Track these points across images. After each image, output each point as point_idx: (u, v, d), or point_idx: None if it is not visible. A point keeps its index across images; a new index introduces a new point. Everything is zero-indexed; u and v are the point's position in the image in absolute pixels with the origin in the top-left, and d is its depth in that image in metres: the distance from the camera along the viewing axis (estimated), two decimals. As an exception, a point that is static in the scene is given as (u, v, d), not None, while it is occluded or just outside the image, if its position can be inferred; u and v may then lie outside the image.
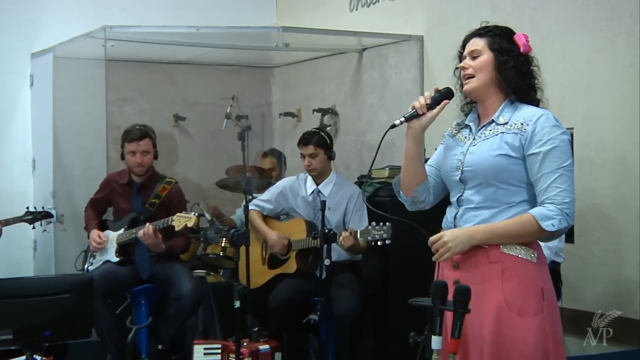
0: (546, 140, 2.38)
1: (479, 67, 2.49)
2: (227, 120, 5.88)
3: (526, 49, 2.50)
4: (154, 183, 4.59)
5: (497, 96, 2.50)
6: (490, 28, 2.54)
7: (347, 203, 4.50)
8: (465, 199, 2.52)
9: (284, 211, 4.69)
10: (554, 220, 2.36)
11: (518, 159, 2.42)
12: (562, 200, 2.36)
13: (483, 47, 2.50)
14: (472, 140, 2.53)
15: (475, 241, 2.42)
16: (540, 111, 2.44)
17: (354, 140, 6.00)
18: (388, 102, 5.66)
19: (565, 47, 4.30)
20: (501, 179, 2.43)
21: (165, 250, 4.43)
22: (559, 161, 2.37)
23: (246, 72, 6.76)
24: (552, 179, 2.37)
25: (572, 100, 4.25)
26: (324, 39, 5.67)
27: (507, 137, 2.44)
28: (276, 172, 5.67)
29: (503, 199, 2.44)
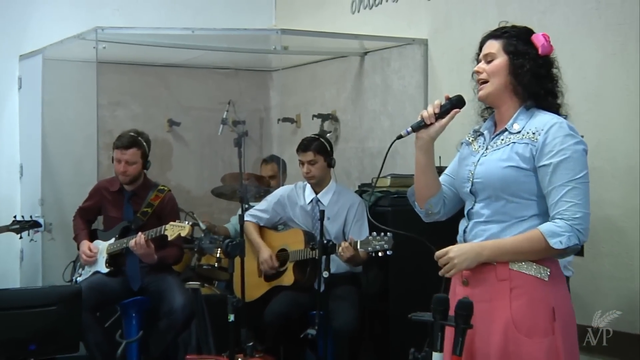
0: (557, 150, 2.35)
1: (492, 71, 2.47)
2: (223, 126, 5.88)
3: (545, 50, 2.46)
4: (146, 191, 4.59)
5: (512, 102, 2.47)
6: (507, 29, 2.50)
7: (347, 213, 4.50)
8: (475, 212, 2.50)
9: (282, 221, 4.69)
10: (563, 237, 2.32)
11: (529, 170, 2.39)
12: (572, 216, 2.33)
13: (498, 50, 2.47)
14: (485, 150, 2.51)
15: (482, 258, 2.41)
16: (554, 119, 2.40)
17: (355, 148, 6.00)
18: (390, 108, 5.66)
19: (575, 52, 4.29)
20: (510, 191, 2.41)
21: (158, 261, 4.43)
22: (570, 173, 2.33)
23: (243, 76, 6.77)
24: (562, 193, 2.33)
25: (582, 107, 4.24)
26: (324, 41, 5.68)
27: (518, 148, 2.41)
28: (276, 180, 5.67)
29: (513, 212, 2.42)
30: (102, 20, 5.21)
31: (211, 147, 6.54)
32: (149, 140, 4.62)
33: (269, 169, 5.77)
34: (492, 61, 2.48)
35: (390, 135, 5.60)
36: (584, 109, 4.22)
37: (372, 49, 5.82)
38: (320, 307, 3.92)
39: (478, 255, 2.40)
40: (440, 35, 5.30)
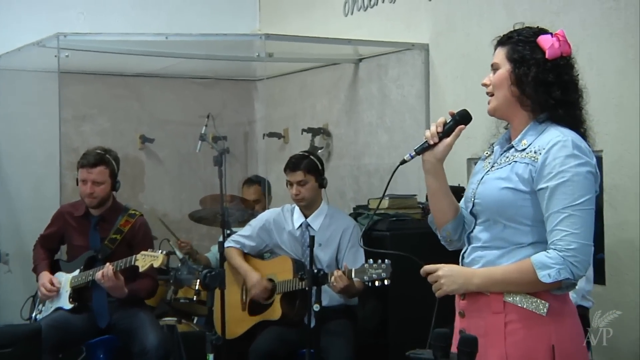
0: (556, 173, 2.34)
1: (496, 83, 2.49)
2: (202, 142, 5.89)
3: (553, 52, 2.43)
4: (114, 216, 4.57)
5: (521, 115, 2.48)
6: (513, 33, 2.51)
7: (340, 238, 4.49)
8: (474, 236, 2.53)
9: (268, 248, 4.68)
10: (552, 270, 2.32)
11: (527, 193, 2.40)
12: (565, 247, 2.31)
13: (502, 59, 2.48)
14: (491, 167, 2.53)
15: (472, 286, 2.44)
16: (559, 137, 2.38)
17: (349, 165, 6.01)
18: (389, 121, 5.68)
19: (593, 57, 4.31)
20: (507, 216, 2.42)
21: (128, 294, 4.40)
22: (568, 199, 2.32)
23: (224, 86, 6.81)
24: (557, 221, 2.33)
25: (601, 118, 4.20)
26: (314, 47, 5.70)
27: (519, 168, 2.42)
28: (261, 204, 5.67)
29: (511, 238, 2.43)
30: (64, 25, 5.23)
31: (188, 166, 6.55)
32: (117, 158, 4.62)
33: (251, 191, 5.77)
34: (496, 71, 2.50)
35: (388, 151, 5.63)
36: (604, 120, 4.23)
37: (367, 55, 5.85)
38: (311, 345, 3.89)
39: (467, 282, 2.44)
40: (442, 39, 5.33)
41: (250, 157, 6.93)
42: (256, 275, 4.49)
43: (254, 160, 6.96)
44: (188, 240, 5.51)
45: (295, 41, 5.47)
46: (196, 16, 6.55)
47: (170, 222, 5.83)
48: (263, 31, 6.39)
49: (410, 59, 5.49)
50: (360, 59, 5.93)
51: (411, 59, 5.48)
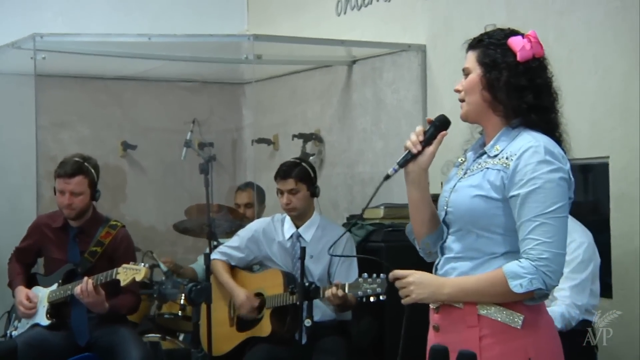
0: (527, 180, 2.37)
1: (466, 88, 2.52)
2: (187, 149, 5.88)
3: (525, 55, 2.46)
4: (95, 227, 4.56)
5: (494, 120, 2.52)
6: (484, 36, 2.54)
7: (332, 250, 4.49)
8: (447, 246, 2.56)
9: (257, 260, 4.68)
10: (524, 280, 2.34)
11: (499, 201, 2.43)
12: (538, 256, 2.35)
13: (472, 63, 2.52)
14: (463, 174, 2.56)
15: (442, 296, 2.47)
16: (531, 142, 2.41)
17: (343, 173, 6.01)
18: (384, 127, 5.68)
19: (598, 59, 4.33)
20: (480, 225, 2.46)
21: (109, 310, 4.39)
22: (540, 206, 2.35)
23: (210, 90, 6.80)
24: (529, 229, 2.36)
25: (607, 123, 4.28)
26: (305, 49, 5.71)
27: (490, 175, 2.46)
28: (252, 210, 5.68)
29: (484, 248, 2.47)
30: (41, 25, 5.22)
31: (173, 175, 6.53)
32: (97, 166, 4.61)
33: (244, 196, 5.78)
34: (467, 76, 2.54)
35: (383, 158, 5.63)
36: (609, 126, 4.26)
37: (361, 57, 5.85)
38: (303, 363, 3.90)
39: (438, 291, 2.47)
40: (440, 40, 5.34)
41: (238, 165, 6.92)
42: (243, 293, 4.48)
43: (242, 168, 6.94)
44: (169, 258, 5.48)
45: (285, 42, 5.47)
46: (181, 16, 6.55)
47: (154, 234, 5.84)
48: (251, 32, 6.40)
49: (406, 61, 5.50)
50: (353, 61, 5.93)
51: (407, 61, 5.49)
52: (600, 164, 4.34)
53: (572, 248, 3.69)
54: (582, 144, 4.37)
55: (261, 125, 6.63)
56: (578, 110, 4.39)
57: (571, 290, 3.65)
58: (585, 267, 3.68)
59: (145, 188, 6.58)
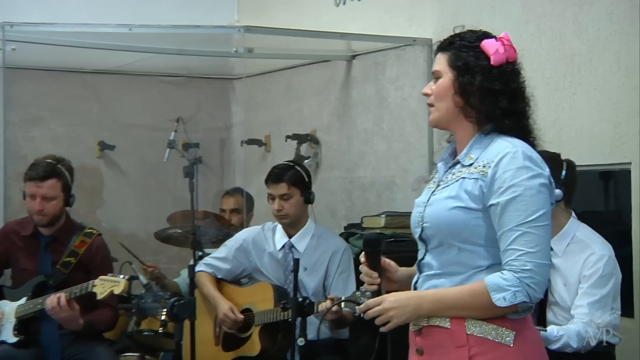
0: (507, 187, 2.44)
1: (437, 93, 2.59)
2: (171, 150, 5.88)
3: (498, 59, 2.52)
4: (68, 235, 4.55)
5: (466, 127, 2.59)
6: (455, 38, 2.60)
7: (328, 262, 4.50)
8: (425, 263, 2.61)
9: (245, 272, 4.67)
10: (507, 294, 2.40)
11: (479, 211, 2.49)
12: (521, 267, 2.41)
13: (443, 66, 2.58)
14: (436, 187, 2.62)
15: (422, 311, 2.52)
16: (508, 148, 2.48)
17: (341, 178, 6.01)
18: (386, 127, 5.69)
19: (621, 55, 4.34)
20: (461, 238, 2.51)
21: (84, 326, 4.38)
22: (521, 215, 2.42)
23: (197, 86, 6.81)
24: (511, 239, 2.43)
25: (630, 126, 4.28)
26: (301, 42, 5.71)
27: (467, 184, 2.52)
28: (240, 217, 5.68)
29: (468, 262, 2.52)
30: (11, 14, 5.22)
31: (155, 178, 6.54)
32: (71, 168, 4.60)
33: (232, 201, 5.78)
34: (438, 80, 2.60)
35: (386, 162, 5.63)
36: (632, 129, 4.26)
37: (362, 52, 5.86)
38: (295, 386, 3.89)
39: (417, 308, 2.52)
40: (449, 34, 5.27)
41: (226, 168, 6.92)
42: (227, 306, 4.49)
43: (230, 171, 6.94)
44: (155, 263, 5.49)
45: (279, 35, 5.46)
46: (165, 5, 6.54)
47: (133, 242, 5.81)
48: (242, 23, 6.40)
49: (411, 57, 5.50)
50: (353, 56, 5.94)
51: (412, 57, 5.49)
52: (622, 171, 4.35)
53: (592, 261, 3.70)
54: (602, 149, 4.40)
55: (252, 124, 6.64)
56: (598, 111, 4.41)
57: (590, 307, 3.65)
58: (606, 283, 3.68)
59: (124, 192, 6.57)
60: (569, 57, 4.56)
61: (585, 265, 3.72)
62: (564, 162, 3.86)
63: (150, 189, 6.58)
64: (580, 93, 4.50)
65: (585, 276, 3.71)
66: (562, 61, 4.60)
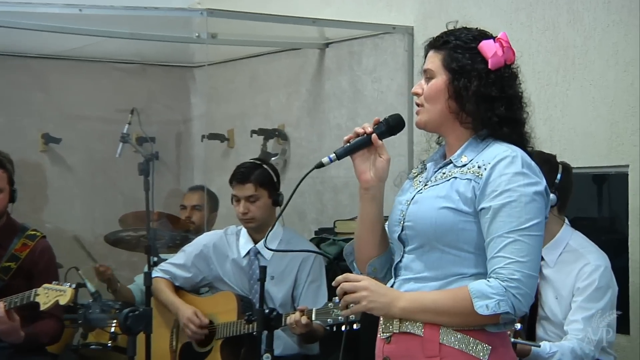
0: (501, 191, 2.49)
1: (429, 95, 2.62)
2: (124, 145, 5.84)
3: (496, 62, 2.57)
4: (9, 238, 4.52)
5: (460, 131, 2.64)
6: (449, 36, 2.63)
7: (298, 270, 4.51)
8: (403, 265, 2.64)
9: (206, 281, 4.67)
10: (491, 302, 2.44)
11: (470, 214, 2.54)
12: (508, 276, 2.45)
13: (437, 67, 2.61)
14: (424, 185, 2.66)
15: (395, 310, 2.55)
16: (507, 152, 2.54)
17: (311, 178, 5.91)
18: (362, 122, 5.54)
19: (619, 47, 4.36)
20: (446, 241, 2.54)
21: (25, 339, 4.35)
22: (514, 222, 2.47)
23: (153, 74, 6.79)
24: (500, 246, 2.47)
25: (627, 125, 4.31)
26: (269, 28, 5.70)
27: (459, 185, 2.56)
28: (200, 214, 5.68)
29: (451, 268, 2.56)
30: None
31: (106, 175, 6.50)
32: (12, 162, 4.56)
33: (194, 197, 5.79)
34: (430, 80, 2.63)
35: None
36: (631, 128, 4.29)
37: (336, 39, 5.86)
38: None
39: (391, 303, 2.54)
40: (432, 21, 5.35)
41: (185, 165, 6.90)
42: (189, 310, 4.48)
43: (189, 169, 6.93)
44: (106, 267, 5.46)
45: (245, 19, 5.40)
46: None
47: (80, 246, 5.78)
48: (205, 6, 6.35)
49: (390, 46, 5.51)
50: (327, 44, 5.93)
51: (391, 46, 5.50)
52: (619, 174, 4.37)
53: (586, 272, 3.72)
54: (598, 150, 4.43)
55: (213, 117, 6.61)
56: (594, 108, 4.44)
57: (585, 323, 3.67)
58: (602, 296, 3.71)
59: (70, 190, 6.53)
60: (563, 49, 4.58)
61: (579, 277, 3.74)
62: (560, 164, 3.88)
63: (100, 187, 6.54)
64: (574, 89, 4.52)
65: (580, 289, 3.73)
66: (554, 53, 4.62)
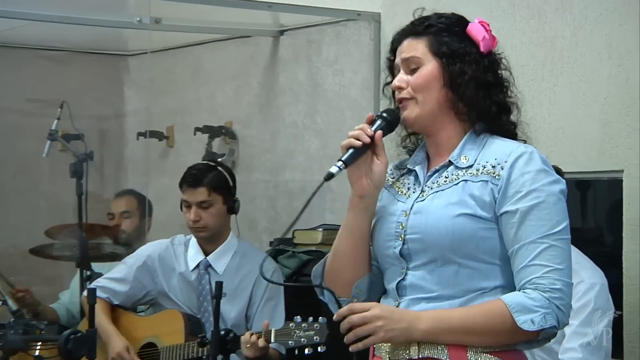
0: (527, 192, 2.49)
1: (420, 84, 2.59)
2: (52, 143, 5.77)
3: (488, 45, 2.60)
4: None
5: (454, 125, 2.63)
6: (430, 20, 2.63)
7: (253, 287, 4.51)
8: (409, 284, 2.59)
9: (149, 297, 4.65)
10: (536, 316, 2.43)
11: (490, 221, 2.52)
12: (550, 286, 2.45)
13: (423, 53, 2.59)
14: (420, 192, 2.63)
15: (417, 333, 2.49)
16: (521, 147, 2.56)
17: (263, 181, 6.00)
18: (321, 120, 5.70)
19: (612, 39, 4.39)
20: (465, 252, 2.51)
21: None
22: (546, 225, 2.47)
23: (84, 63, 6.75)
24: (535, 253, 2.47)
25: (622, 126, 4.34)
26: (217, 12, 5.70)
27: (473, 188, 2.54)
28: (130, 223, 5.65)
29: (469, 283, 2.53)
30: None
31: (30, 178, 6.45)
32: None
33: (123, 203, 5.76)
34: (416, 69, 2.60)
35: (319, 162, 5.64)
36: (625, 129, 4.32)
37: (292, 26, 5.88)
38: None
39: (411, 327, 2.48)
40: (401, 7, 5.36)
41: (118, 166, 6.88)
42: (121, 343, 4.46)
43: (122, 171, 6.91)
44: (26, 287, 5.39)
45: (193, 2, 5.41)
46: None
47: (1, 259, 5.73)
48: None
49: (354, 34, 5.53)
50: (282, 31, 5.94)
51: (355, 34, 5.52)
52: (612, 180, 4.41)
53: (581, 291, 3.74)
54: (588, 153, 4.46)
55: (151, 112, 6.55)
56: (584, 107, 4.47)
57: (584, 351, 3.69)
58: (600, 318, 3.73)
59: (-12, 195, 6.48)
60: (550, 40, 4.61)
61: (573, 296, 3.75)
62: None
63: (24, 190, 6.49)
64: (562, 84, 4.55)
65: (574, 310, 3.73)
66: (540, 45, 4.65)
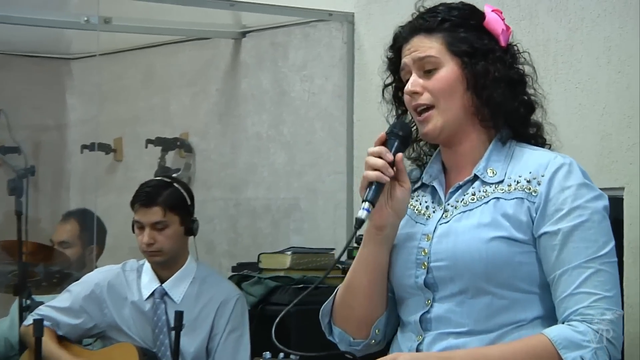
0: (569, 210, 2.44)
1: (442, 89, 2.54)
2: (-13, 156, 5.76)
3: (506, 38, 2.57)
4: None
5: (477, 134, 2.59)
6: (443, 14, 2.57)
7: (215, 316, 4.51)
8: (435, 317, 2.55)
9: (98, 329, 4.64)
10: (586, 352, 2.39)
11: (527, 244, 2.48)
12: (599, 317, 2.41)
13: (440, 52, 2.55)
14: (443, 212, 2.58)
15: None
16: (558, 158, 2.51)
17: (223, 199, 6.00)
18: (288, 131, 5.70)
19: (611, 43, 4.41)
20: (500, 281, 2.47)
21: None
22: (592, 247, 2.43)
23: (23, 68, 6.73)
24: (581, 279, 2.42)
25: (622, 139, 4.36)
26: (172, 12, 5.72)
27: (507, 206, 2.49)
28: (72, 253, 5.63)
29: (504, 316, 2.49)
30: None
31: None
32: None
33: (62, 230, 5.76)
34: (432, 71, 2.55)
35: (286, 178, 5.64)
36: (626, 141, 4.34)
37: (255, 27, 5.89)
38: None
39: None
40: (376, 6, 5.38)
41: (59, 182, 6.87)
42: None
43: (64, 188, 6.90)
44: None
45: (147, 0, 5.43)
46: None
47: None
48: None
49: (325, 36, 5.55)
50: (244, 33, 5.95)
51: (326, 36, 5.54)
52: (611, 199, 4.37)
53: None
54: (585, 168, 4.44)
55: (98, 122, 6.52)
56: (581, 117, 4.49)
57: None
58: None
59: None
60: (542, 43, 4.63)
61: None
62: None
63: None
64: (556, 92, 4.55)
65: None
66: (533, 49, 4.50)
